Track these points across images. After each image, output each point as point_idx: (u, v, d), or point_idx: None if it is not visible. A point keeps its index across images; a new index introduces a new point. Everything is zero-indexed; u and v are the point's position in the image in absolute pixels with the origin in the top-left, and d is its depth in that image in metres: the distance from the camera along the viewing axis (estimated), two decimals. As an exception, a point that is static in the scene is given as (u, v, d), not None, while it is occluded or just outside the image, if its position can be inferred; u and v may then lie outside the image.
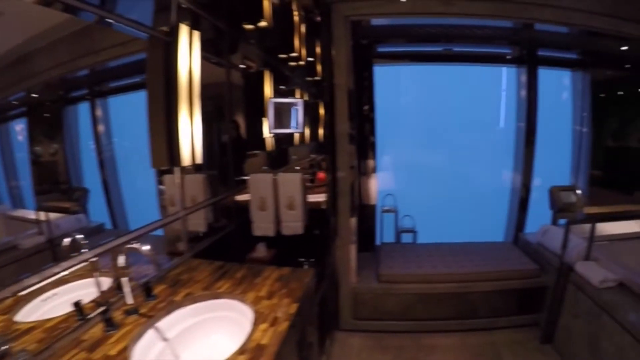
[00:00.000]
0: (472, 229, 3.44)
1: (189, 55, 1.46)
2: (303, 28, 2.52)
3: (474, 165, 3.64)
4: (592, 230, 2.50)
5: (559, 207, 3.06)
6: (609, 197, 3.64)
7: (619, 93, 3.62)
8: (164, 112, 1.42)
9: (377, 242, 3.33)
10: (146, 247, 1.12)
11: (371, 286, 2.58)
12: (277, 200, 2.02)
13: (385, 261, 2.77)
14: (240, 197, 2.09)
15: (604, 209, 3.59)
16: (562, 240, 2.48)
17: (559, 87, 3.66)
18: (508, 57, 3.35)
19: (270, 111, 2.21)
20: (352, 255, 2.60)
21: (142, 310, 1.19)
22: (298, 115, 2.47)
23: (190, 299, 1.31)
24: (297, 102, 2.49)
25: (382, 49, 3.22)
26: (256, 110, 2.25)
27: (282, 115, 2.34)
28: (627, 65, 3.54)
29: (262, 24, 2.02)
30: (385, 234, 3.37)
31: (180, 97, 1.43)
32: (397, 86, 3.47)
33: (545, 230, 2.97)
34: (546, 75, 3.40)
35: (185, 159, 1.46)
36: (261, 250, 2.07)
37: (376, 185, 3.24)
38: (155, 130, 1.42)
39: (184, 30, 1.43)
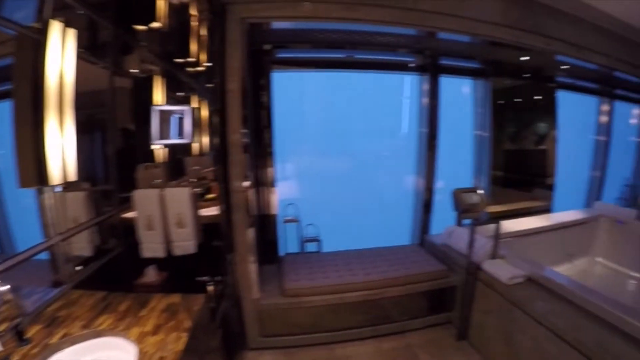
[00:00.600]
0: (378, 234, 3.62)
1: (61, 56, 1.37)
2: (204, 31, 2.47)
3: (378, 171, 3.84)
4: (497, 228, 2.78)
5: (463, 208, 3.30)
6: (510, 195, 4.08)
7: (517, 100, 4.07)
8: (30, 123, 1.33)
9: (281, 253, 3.38)
10: (4, 288, 1.05)
11: (276, 302, 2.61)
12: (165, 217, 1.97)
13: (290, 274, 2.81)
14: (130, 215, 2.01)
15: (506, 207, 4.05)
16: (467, 240, 2.71)
17: (462, 94, 3.96)
18: (411, 65, 3.56)
19: (155, 120, 2.14)
20: (252, 270, 2.59)
21: (14, 359, 1.11)
22: (185, 123, 2.40)
23: (69, 341, 1.23)
24: (184, 110, 2.42)
25: (282, 55, 3.25)
26: (146, 119, 2.18)
27: (169, 124, 2.28)
28: (526, 75, 4.01)
29: (155, 25, 1.97)
30: (289, 244, 3.43)
31: (49, 105, 1.34)
32: (301, 92, 3.55)
33: (451, 232, 3.23)
34: (451, 82, 3.71)
35: (55, 177, 1.36)
36: (151, 274, 2.00)
37: (276, 195, 3.27)
38: (21, 144, 1.32)
39: (55, 27, 1.34)
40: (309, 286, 2.67)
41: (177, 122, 2.36)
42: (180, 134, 2.38)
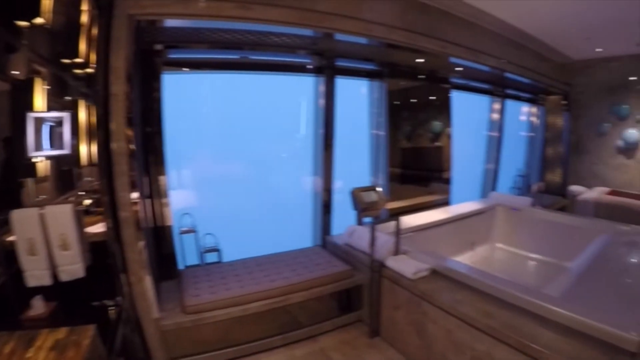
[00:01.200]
0: (280, 238, 3.74)
1: None
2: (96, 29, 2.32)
3: (277, 174, 3.97)
4: (397, 225, 2.98)
5: (362, 207, 3.62)
6: (409, 191, 4.47)
7: (413, 100, 4.48)
8: None
9: (180, 267, 3.33)
10: None
11: (179, 320, 2.57)
12: (48, 240, 1.84)
13: (190, 289, 2.79)
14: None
15: (405, 202, 4.44)
16: (369, 238, 2.89)
17: (361, 95, 4.25)
18: (309, 66, 3.71)
19: (30, 128, 1.98)
20: (149, 289, 2.50)
21: None
22: (64, 132, 2.23)
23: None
24: (63, 117, 2.24)
25: (175, 56, 3.21)
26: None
27: (46, 133, 2.11)
28: (422, 76, 4.41)
29: (39, 21, 1.84)
30: (187, 256, 3.41)
31: None
32: (198, 95, 3.54)
33: (352, 231, 3.43)
34: (351, 83, 3.97)
35: None
36: (38, 306, 1.86)
37: (170, 205, 3.22)
38: None
39: None
40: (210, 300, 2.67)
41: (54, 131, 2.18)
42: (58, 143, 2.20)
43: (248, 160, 3.78)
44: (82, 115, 2.45)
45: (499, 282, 2.45)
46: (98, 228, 2.25)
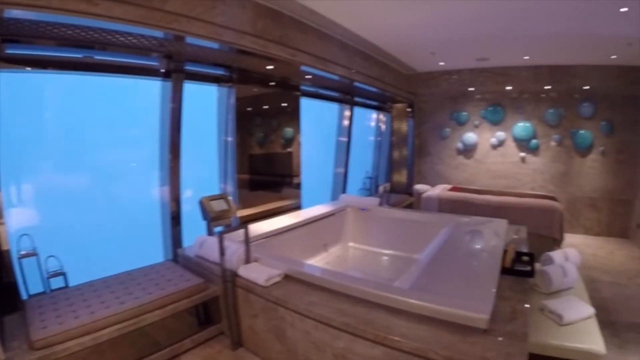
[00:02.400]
0: (129, 255, 3.68)
1: None
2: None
3: (126, 185, 3.93)
4: (246, 233, 3.16)
5: (212, 216, 3.76)
6: (261, 197, 4.77)
7: (265, 107, 4.82)
8: None
9: (24, 296, 3.13)
10: None
11: (27, 358, 2.41)
12: None
13: (36, 321, 2.65)
14: None
15: (258, 209, 4.71)
16: (218, 248, 2.99)
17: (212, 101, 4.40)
18: (159, 69, 3.73)
19: None
20: None
21: None
22: None
23: None
24: None
25: (14, 51, 3.00)
26: None
27: None
28: (272, 83, 4.75)
29: None
30: (31, 284, 3.19)
31: None
32: (40, 98, 3.36)
33: (202, 242, 3.51)
34: (203, 89, 4.14)
35: None
36: None
37: (5, 226, 3.00)
38: None
39: None
40: (59, 332, 2.55)
41: None
42: None
43: (95, 171, 3.69)
44: None
45: (350, 280, 2.78)
46: None
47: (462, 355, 1.88)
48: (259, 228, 4.00)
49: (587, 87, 7.29)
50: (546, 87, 7.52)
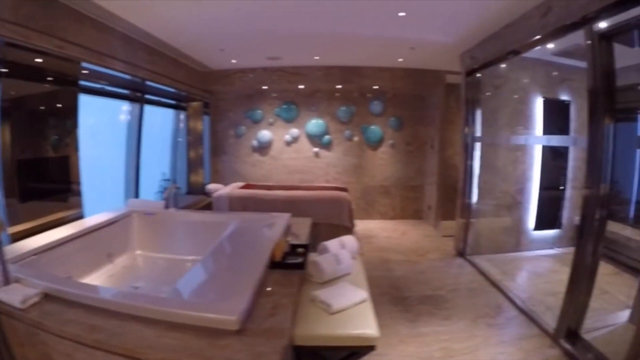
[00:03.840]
0: None
1: None
2: None
3: None
4: (1, 252, 2.81)
5: None
6: (47, 208, 4.36)
7: (58, 105, 4.42)
8: None
9: None
10: None
11: None
12: None
13: None
14: None
15: (34, 223, 4.19)
16: None
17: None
18: None
19: None
20: None
21: None
22: None
23: None
24: None
25: None
26: None
27: None
28: (50, 78, 4.23)
29: None
30: None
31: None
32: None
33: None
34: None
35: None
36: None
37: None
38: None
39: None
40: None
41: None
42: None
43: None
44: None
45: (102, 292, 2.64)
46: None
47: (209, 360, 1.90)
48: (28, 244, 3.48)
49: (377, 87, 8.14)
50: (338, 87, 8.13)
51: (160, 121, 7.39)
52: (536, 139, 6.21)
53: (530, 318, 4.02)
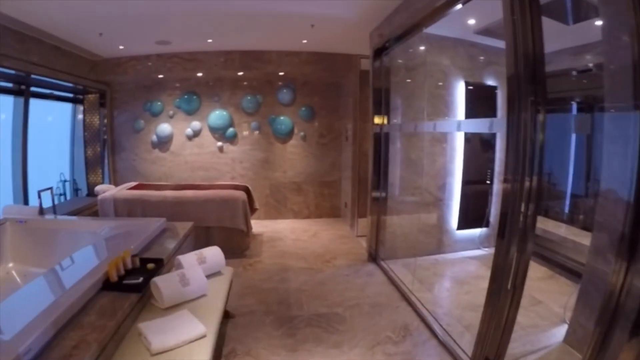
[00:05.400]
0: None
1: None
2: None
3: None
4: None
5: None
6: None
7: None
8: None
9: None
10: None
11: None
12: None
13: None
14: None
15: None
16: None
17: None
18: None
19: None
20: None
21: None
22: None
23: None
24: None
25: None
26: None
27: None
28: None
29: None
30: None
31: None
32: None
33: None
34: None
35: None
36: None
37: None
38: None
39: None
40: None
41: None
42: None
43: None
44: None
45: None
46: None
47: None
48: None
49: (282, 74, 7.44)
50: (239, 74, 7.43)
51: (57, 117, 6.95)
52: (447, 124, 5.37)
53: (443, 343, 3.22)
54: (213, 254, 3.39)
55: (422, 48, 5.04)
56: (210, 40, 6.31)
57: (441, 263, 5.33)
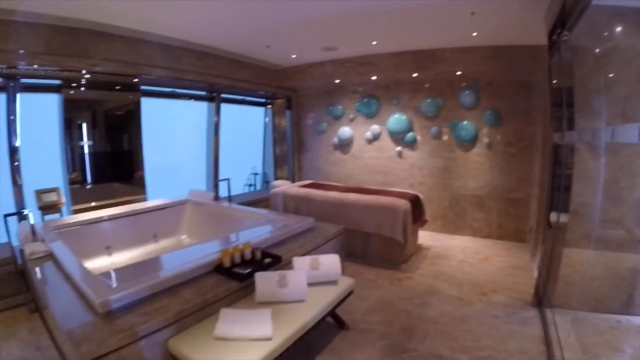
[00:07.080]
0: None
1: None
2: None
3: None
4: (28, 217, 3.77)
5: (40, 206, 4.28)
6: (107, 192, 5.19)
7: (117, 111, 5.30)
8: None
9: None
10: None
11: None
12: None
13: None
14: None
15: (101, 202, 4.99)
16: (20, 231, 3.65)
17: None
18: None
19: None
20: None
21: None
22: None
23: None
24: None
25: None
26: None
27: None
28: (118, 87, 5.23)
29: None
30: None
31: None
32: None
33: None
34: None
35: None
36: None
37: None
38: None
39: None
40: None
41: None
42: None
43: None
44: None
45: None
46: None
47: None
48: (77, 217, 4.42)
49: (459, 73, 6.43)
50: (414, 75, 6.83)
51: (253, 119, 8.32)
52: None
53: None
54: (329, 262, 3.31)
55: (620, 29, 3.52)
56: (374, 43, 6.00)
57: (624, 329, 3.45)
